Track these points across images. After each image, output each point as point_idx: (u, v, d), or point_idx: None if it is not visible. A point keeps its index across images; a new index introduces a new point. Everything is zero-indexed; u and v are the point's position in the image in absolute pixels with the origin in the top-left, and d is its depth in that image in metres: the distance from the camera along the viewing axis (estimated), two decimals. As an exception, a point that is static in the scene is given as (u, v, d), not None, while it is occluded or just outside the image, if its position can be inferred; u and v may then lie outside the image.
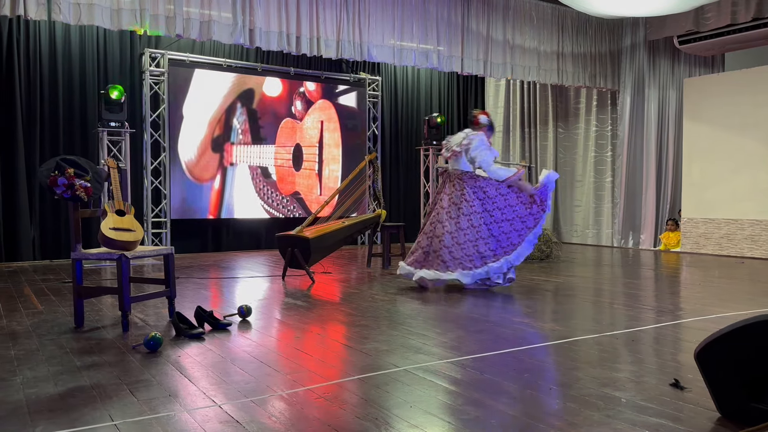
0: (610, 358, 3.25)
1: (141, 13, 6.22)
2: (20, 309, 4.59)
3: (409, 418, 2.39)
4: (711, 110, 8.85)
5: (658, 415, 2.42)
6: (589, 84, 9.69)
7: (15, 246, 7.53)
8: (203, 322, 3.96)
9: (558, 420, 2.36)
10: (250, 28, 6.83)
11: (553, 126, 10.99)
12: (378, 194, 7.10)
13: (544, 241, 8.19)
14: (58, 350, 3.40)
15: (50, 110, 7.76)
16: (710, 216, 8.84)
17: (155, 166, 8.47)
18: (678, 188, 9.61)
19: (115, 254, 3.87)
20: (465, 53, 8.45)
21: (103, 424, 2.32)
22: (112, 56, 8.18)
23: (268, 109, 9.25)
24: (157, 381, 2.85)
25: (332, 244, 6.46)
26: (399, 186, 10.64)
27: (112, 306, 4.67)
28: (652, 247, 9.69)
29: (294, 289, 5.64)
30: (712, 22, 8.48)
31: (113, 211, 3.99)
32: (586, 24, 9.56)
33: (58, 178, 3.76)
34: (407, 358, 3.22)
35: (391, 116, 10.57)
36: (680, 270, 7.30)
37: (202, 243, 8.94)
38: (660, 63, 9.83)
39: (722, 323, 3.87)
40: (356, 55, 7.63)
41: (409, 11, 7.94)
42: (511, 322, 4.16)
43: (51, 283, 5.88)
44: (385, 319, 4.24)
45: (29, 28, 7.58)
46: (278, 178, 9.36)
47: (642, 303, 4.93)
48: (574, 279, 6.29)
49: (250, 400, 2.59)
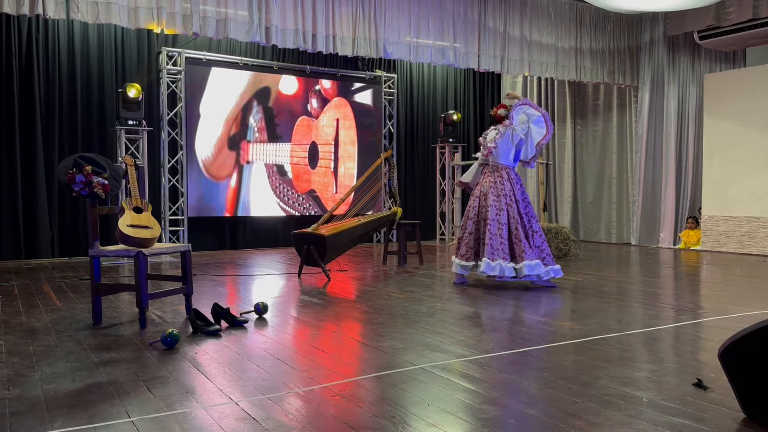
0: (631, 358, 3.20)
1: (158, 11, 6.25)
2: (39, 306, 4.63)
3: (427, 417, 2.36)
4: (732, 106, 8.71)
5: (681, 415, 2.37)
6: (608, 80, 9.59)
7: (34, 243, 7.61)
8: (220, 319, 3.96)
9: (578, 420, 2.32)
10: (266, 25, 6.84)
11: (571, 123, 10.89)
12: (394, 192, 7.08)
13: (563, 239, 8.13)
14: (76, 346, 3.41)
15: (69, 109, 7.83)
16: (731, 214, 8.71)
17: (172, 164, 8.52)
18: (698, 185, 9.48)
19: (133, 251, 3.89)
20: (482, 50, 8.40)
21: (120, 421, 2.32)
22: (130, 55, 8.23)
23: (284, 107, 9.25)
24: (174, 378, 2.85)
25: (348, 242, 6.45)
26: (415, 184, 10.60)
27: (130, 303, 4.69)
28: (672, 246, 9.57)
29: (310, 286, 5.63)
30: (734, 16, 8.35)
31: (131, 209, 4.00)
32: (605, 19, 9.45)
33: (76, 176, 3.78)
34: (424, 356, 3.19)
35: (406, 114, 10.53)
36: (700, 268, 7.20)
37: (218, 240, 8.97)
38: (680, 58, 9.69)
39: (744, 322, 3.80)
40: (372, 53, 7.61)
41: (425, 8, 7.90)
42: (529, 321, 4.12)
43: (69, 280, 5.93)
44: (401, 316, 4.22)
45: (48, 27, 7.64)
46: (294, 176, 9.37)
47: (662, 302, 4.86)
48: (592, 277, 6.22)
49: (267, 397, 2.58)
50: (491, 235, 5.39)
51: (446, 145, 9.86)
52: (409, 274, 6.37)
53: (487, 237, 5.39)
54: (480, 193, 5.62)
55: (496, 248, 5.37)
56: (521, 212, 5.49)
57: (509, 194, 5.49)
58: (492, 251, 5.36)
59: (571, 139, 10.90)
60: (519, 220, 5.44)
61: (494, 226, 5.41)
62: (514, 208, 5.47)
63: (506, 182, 5.52)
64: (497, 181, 5.54)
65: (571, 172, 10.89)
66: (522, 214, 5.48)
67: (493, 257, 5.35)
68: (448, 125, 9.82)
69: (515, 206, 5.48)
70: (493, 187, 5.53)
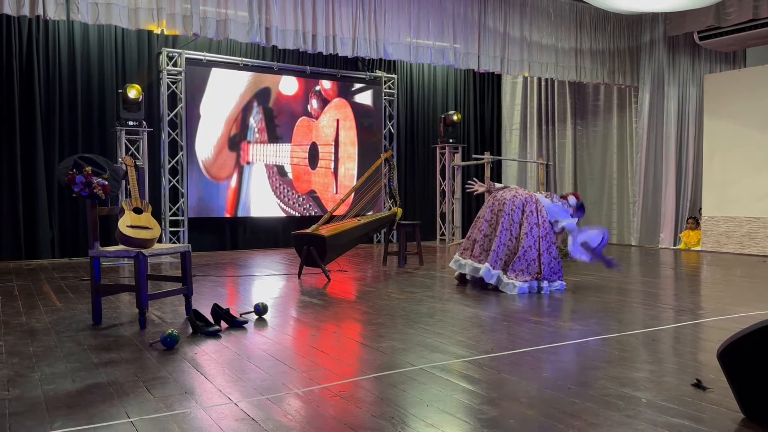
0: (630, 358, 3.20)
1: (158, 12, 6.26)
2: (39, 306, 4.63)
3: (426, 417, 2.37)
4: (732, 107, 8.71)
5: (680, 415, 2.37)
6: (608, 81, 9.60)
7: (34, 244, 7.61)
8: (220, 319, 3.96)
9: (577, 420, 2.32)
10: (267, 26, 6.85)
11: (571, 123, 10.89)
12: (394, 192, 7.08)
13: (563, 240, 8.12)
14: (76, 347, 3.42)
15: (69, 109, 7.84)
16: (731, 214, 8.70)
17: (173, 164, 8.52)
18: (698, 186, 9.48)
19: (133, 252, 3.89)
20: (482, 50, 8.40)
21: (120, 421, 2.33)
22: (130, 55, 8.24)
23: (285, 107, 9.26)
24: (174, 378, 2.85)
25: (348, 243, 6.45)
26: (415, 184, 10.61)
27: (130, 303, 4.70)
28: (672, 246, 9.57)
29: (310, 287, 5.63)
30: (734, 17, 8.35)
31: (131, 209, 4.00)
32: (605, 20, 9.46)
33: (75, 176, 3.79)
34: (423, 357, 3.19)
35: (406, 114, 10.54)
36: (701, 269, 7.20)
37: (219, 241, 8.98)
38: (680, 59, 9.69)
39: (744, 323, 3.80)
40: (372, 53, 7.61)
41: (425, 8, 7.91)
42: (529, 321, 4.12)
43: (69, 281, 5.93)
44: (401, 317, 4.22)
45: (48, 28, 7.65)
46: (294, 177, 9.37)
47: (662, 302, 4.86)
48: (592, 278, 6.22)
49: (266, 398, 2.58)
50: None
51: (446, 145, 9.86)
52: (409, 275, 6.37)
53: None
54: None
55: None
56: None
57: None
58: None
59: (571, 139, 10.90)
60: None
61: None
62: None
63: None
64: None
65: (571, 172, 10.89)
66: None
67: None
68: (448, 126, 9.82)
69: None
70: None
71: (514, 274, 5.31)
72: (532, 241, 5.38)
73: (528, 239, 5.38)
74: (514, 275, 5.31)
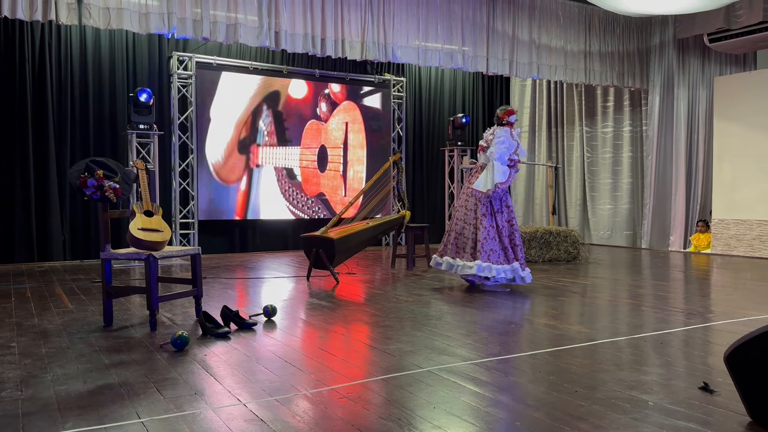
0: (638, 361, 3.20)
1: (168, 16, 6.31)
2: (51, 308, 4.68)
3: (433, 419, 2.38)
4: (742, 109, 8.67)
5: (687, 419, 2.38)
6: (617, 83, 9.57)
7: (46, 246, 7.69)
8: (229, 321, 3.99)
9: (584, 423, 2.33)
10: (276, 30, 6.89)
11: (579, 126, 10.87)
12: (402, 195, 7.10)
13: (571, 243, 8.11)
14: (87, 348, 3.46)
15: (81, 113, 7.91)
16: (742, 217, 8.66)
17: (183, 167, 8.58)
18: (708, 189, 9.43)
19: (143, 254, 3.93)
20: (490, 53, 8.40)
21: (131, 422, 2.36)
22: (141, 59, 8.31)
23: (294, 110, 9.30)
24: (184, 379, 2.88)
25: (357, 245, 6.47)
26: (423, 187, 10.62)
27: (141, 305, 4.74)
28: (682, 249, 9.52)
29: (318, 289, 5.66)
30: (744, 19, 8.31)
31: (141, 212, 4.05)
32: (614, 22, 9.44)
33: (87, 180, 3.83)
34: (431, 359, 3.21)
35: (415, 117, 10.56)
36: (711, 272, 7.16)
37: (228, 243, 9.02)
38: (690, 61, 9.66)
39: (753, 326, 3.79)
40: (381, 57, 7.64)
41: (433, 12, 7.93)
42: (536, 324, 4.12)
43: (81, 283, 5.99)
44: (408, 320, 4.24)
45: (61, 32, 7.74)
46: (303, 180, 9.41)
47: (671, 305, 4.84)
48: (601, 281, 6.21)
49: (275, 399, 2.60)
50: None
51: (455, 148, 9.87)
52: (417, 278, 6.38)
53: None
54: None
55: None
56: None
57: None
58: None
59: (579, 142, 10.87)
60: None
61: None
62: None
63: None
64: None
65: (579, 175, 10.86)
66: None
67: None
68: (456, 128, 9.83)
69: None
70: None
71: (459, 254, 5.53)
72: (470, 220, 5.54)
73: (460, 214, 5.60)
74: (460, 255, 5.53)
